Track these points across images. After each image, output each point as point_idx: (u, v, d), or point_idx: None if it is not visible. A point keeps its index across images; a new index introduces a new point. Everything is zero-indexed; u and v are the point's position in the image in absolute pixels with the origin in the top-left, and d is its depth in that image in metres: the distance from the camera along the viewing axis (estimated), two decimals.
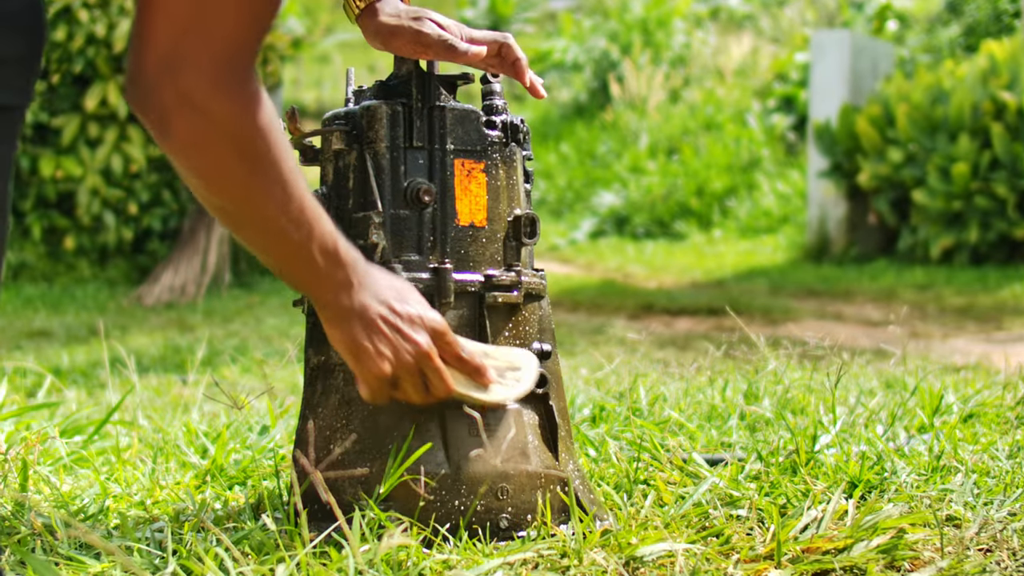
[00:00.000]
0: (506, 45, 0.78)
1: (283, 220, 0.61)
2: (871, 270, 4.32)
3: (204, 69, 0.56)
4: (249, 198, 0.60)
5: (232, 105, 0.57)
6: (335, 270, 0.63)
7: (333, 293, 0.64)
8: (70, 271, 4.02)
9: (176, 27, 0.55)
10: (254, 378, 1.75)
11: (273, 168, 0.59)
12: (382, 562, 0.63)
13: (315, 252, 0.62)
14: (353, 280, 0.64)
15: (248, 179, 0.59)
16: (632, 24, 7.20)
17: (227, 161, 0.58)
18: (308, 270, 0.63)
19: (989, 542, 0.71)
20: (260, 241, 0.62)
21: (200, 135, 0.57)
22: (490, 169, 0.77)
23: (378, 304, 0.65)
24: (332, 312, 0.65)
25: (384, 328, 0.65)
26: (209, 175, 0.59)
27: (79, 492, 0.85)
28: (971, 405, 1.14)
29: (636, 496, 0.82)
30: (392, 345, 0.65)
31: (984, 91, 4.30)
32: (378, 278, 0.66)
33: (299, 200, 0.60)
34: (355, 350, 0.65)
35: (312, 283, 0.64)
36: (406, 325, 0.65)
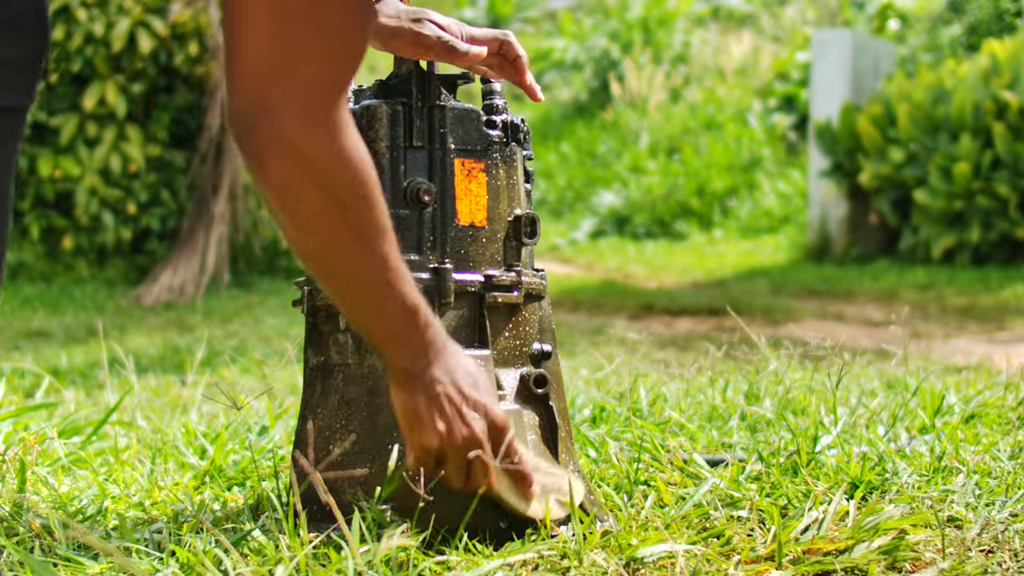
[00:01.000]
0: (507, 43, 0.78)
1: (365, 272, 0.60)
2: (872, 270, 4.32)
3: (296, 107, 0.55)
4: (334, 244, 0.59)
5: (323, 144, 0.56)
6: (412, 333, 0.63)
7: (407, 357, 0.64)
8: (68, 271, 4.02)
9: (264, 64, 0.55)
10: (253, 378, 1.75)
11: (362, 214, 0.58)
12: (381, 563, 0.63)
13: (395, 310, 0.62)
14: (428, 348, 0.64)
15: (335, 222, 0.58)
16: (632, 23, 7.20)
17: (316, 200, 0.57)
18: (385, 328, 0.63)
19: (991, 543, 0.71)
20: (341, 290, 0.61)
21: (292, 175, 0.56)
22: (490, 169, 0.77)
23: (448, 381, 0.64)
24: (400, 375, 0.65)
25: (446, 405, 0.64)
26: (299, 215, 0.58)
27: (77, 493, 0.85)
28: (973, 406, 1.14)
29: (636, 497, 0.81)
30: (449, 424, 0.65)
31: (986, 90, 4.29)
32: (456, 356, 0.66)
33: (383, 254, 0.60)
34: (411, 416, 0.65)
35: (387, 342, 0.63)
36: (469, 409, 0.65)
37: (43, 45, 0.58)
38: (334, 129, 0.57)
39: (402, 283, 0.61)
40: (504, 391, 0.75)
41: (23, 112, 0.58)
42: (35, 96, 0.59)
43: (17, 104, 0.58)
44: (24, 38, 0.57)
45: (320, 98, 0.56)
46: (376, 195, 0.59)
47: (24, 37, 0.57)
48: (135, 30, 4.00)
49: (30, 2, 0.57)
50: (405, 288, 0.62)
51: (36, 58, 0.58)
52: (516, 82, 0.78)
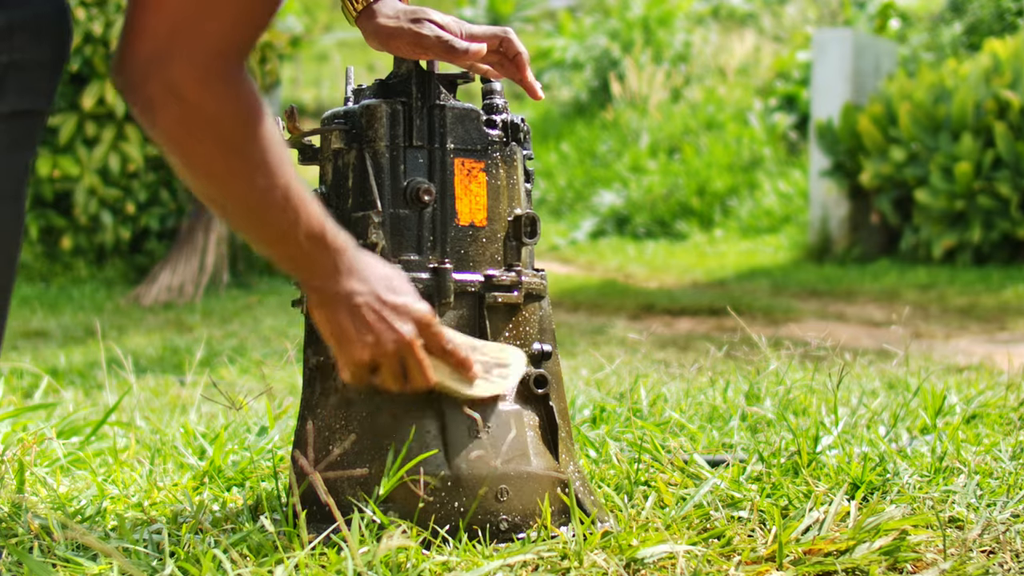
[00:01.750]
0: (507, 40, 0.77)
1: (266, 206, 0.61)
2: (873, 270, 4.31)
3: (194, 63, 0.56)
4: (232, 186, 0.60)
5: (216, 100, 0.57)
6: (322, 255, 0.64)
7: (320, 277, 0.65)
8: (67, 271, 4.01)
9: (170, 20, 0.56)
10: (252, 379, 1.75)
11: (255, 157, 0.60)
12: (381, 564, 0.62)
13: (301, 237, 0.63)
14: (341, 265, 0.64)
15: (230, 167, 0.59)
16: (633, 22, 7.19)
17: (210, 150, 0.59)
18: (294, 254, 0.64)
19: (992, 544, 0.71)
20: (245, 226, 0.63)
21: (184, 125, 0.58)
22: (490, 168, 0.77)
23: (365, 291, 0.65)
24: (318, 295, 0.65)
25: (368, 315, 0.65)
26: (193, 163, 0.59)
27: (76, 493, 0.85)
28: (974, 406, 1.14)
29: (637, 498, 0.81)
30: (375, 332, 0.65)
31: (987, 90, 4.28)
32: (370, 265, 0.66)
33: (283, 187, 0.61)
34: (338, 334, 0.66)
35: (299, 266, 0.64)
36: (391, 314, 0.65)
37: (64, 47, 0.58)
38: (230, 87, 0.57)
39: (304, 209, 0.62)
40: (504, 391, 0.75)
41: (42, 116, 0.58)
42: (54, 99, 0.59)
43: (35, 107, 0.58)
44: (44, 40, 0.56)
45: (223, 55, 0.57)
46: (267, 131, 0.60)
47: (44, 39, 0.56)
48: None
49: (51, 3, 0.57)
50: (309, 214, 0.62)
51: (56, 61, 0.58)
52: (516, 79, 0.78)
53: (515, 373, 0.70)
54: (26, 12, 0.55)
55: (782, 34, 7.58)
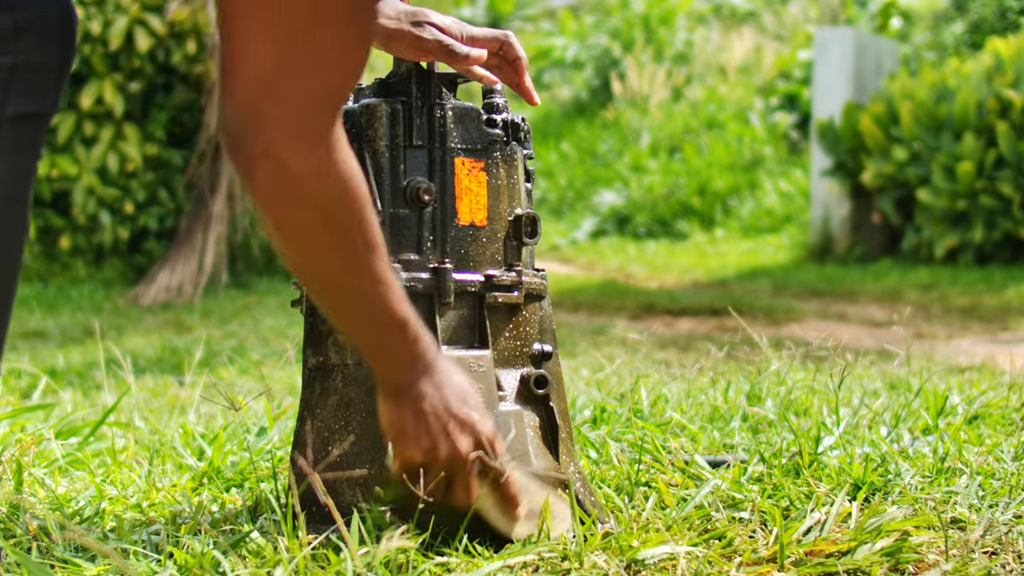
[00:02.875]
0: (507, 43, 0.77)
1: (353, 286, 0.60)
2: (875, 270, 4.31)
3: (286, 122, 0.55)
4: (320, 258, 0.59)
5: (311, 161, 0.56)
6: (400, 348, 0.63)
7: (395, 371, 0.64)
8: (65, 271, 4.01)
9: (259, 82, 0.54)
10: (252, 379, 1.75)
11: (349, 230, 0.58)
12: (381, 565, 0.62)
13: (383, 324, 0.62)
14: (417, 363, 0.64)
15: (320, 238, 0.58)
16: (634, 21, 7.18)
17: (304, 216, 0.57)
18: (373, 341, 0.63)
19: (994, 545, 0.71)
20: (329, 303, 0.62)
21: (277, 188, 0.56)
22: (491, 168, 0.76)
23: (435, 396, 0.64)
24: (388, 388, 0.64)
25: (432, 421, 0.64)
26: (287, 229, 0.58)
27: (75, 494, 0.85)
28: (976, 406, 1.13)
29: (637, 498, 0.81)
30: (433, 440, 0.64)
31: (989, 89, 4.27)
32: (446, 371, 0.65)
33: (373, 269, 0.60)
34: (396, 429, 0.65)
35: (375, 355, 0.64)
36: (454, 426, 0.64)
37: (70, 49, 0.57)
38: (325, 149, 0.56)
39: (391, 297, 0.61)
40: (504, 392, 0.74)
41: (46, 118, 0.58)
42: (59, 101, 0.58)
43: (40, 110, 0.57)
44: (50, 42, 0.56)
45: (312, 118, 0.56)
46: (365, 211, 0.59)
47: (50, 41, 0.56)
48: (133, 28, 3.99)
49: (57, 5, 0.56)
50: (394, 302, 0.61)
51: (63, 63, 0.57)
52: (514, 83, 0.78)
53: (556, 529, 0.68)
54: (32, 14, 0.55)
55: (783, 33, 7.57)
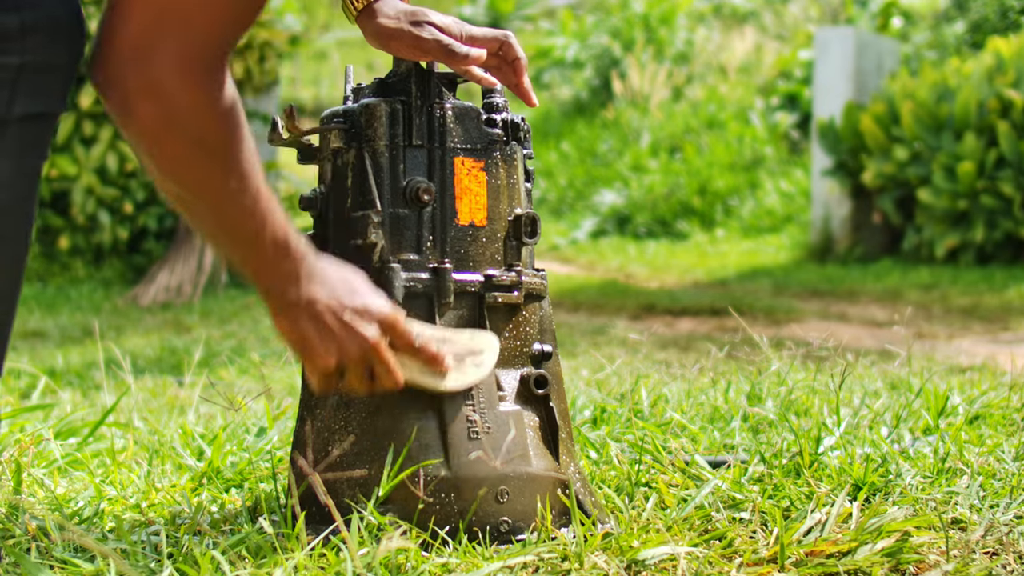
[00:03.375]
0: (507, 44, 0.77)
1: (235, 210, 0.61)
2: (875, 270, 4.30)
3: (174, 60, 0.55)
4: (203, 187, 0.60)
5: (197, 98, 0.57)
6: (283, 262, 0.63)
7: (281, 285, 0.64)
8: (65, 271, 4.00)
9: (152, 14, 0.55)
10: (251, 379, 1.74)
11: (230, 159, 0.59)
12: (380, 566, 0.62)
13: (265, 243, 0.62)
14: (301, 272, 0.64)
15: (203, 169, 0.59)
16: (634, 20, 7.18)
17: (184, 151, 0.58)
18: (257, 260, 0.63)
19: (995, 545, 0.70)
20: (212, 228, 0.63)
21: (161, 123, 0.57)
22: (490, 168, 0.76)
23: (326, 296, 0.65)
24: (279, 303, 0.65)
25: (330, 321, 0.64)
26: (166, 162, 0.59)
27: (74, 495, 0.84)
28: (977, 407, 1.13)
29: (638, 499, 0.81)
30: (338, 338, 0.65)
31: (990, 89, 4.27)
32: (329, 270, 0.66)
33: (253, 192, 0.61)
34: (301, 342, 0.65)
35: (260, 273, 0.64)
36: (353, 317, 0.65)
37: (78, 49, 0.57)
38: (212, 85, 0.57)
39: (271, 215, 0.62)
40: (504, 392, 0.74)
41: (54, 118, 0.58)
42: (67, 101, 0.59)
43: (48, 110, 0.57)
44: (58, 42, 0.56)
45: (207, 51, 0.56)
46: (244, 132, 0.59)
47: (58, 41, 0.56)
48: None
49: (65, 5, 0.57)
50: (275, 219, 0.62)
51: (71, 63, 0.57)
52: (512, 84, 0.78)
53: (489, 361, 0.69)
54: (39, 13, 0.55)
55: (784, 32, 7.57)
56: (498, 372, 0.74)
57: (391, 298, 0.71)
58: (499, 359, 0.75)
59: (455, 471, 0.70)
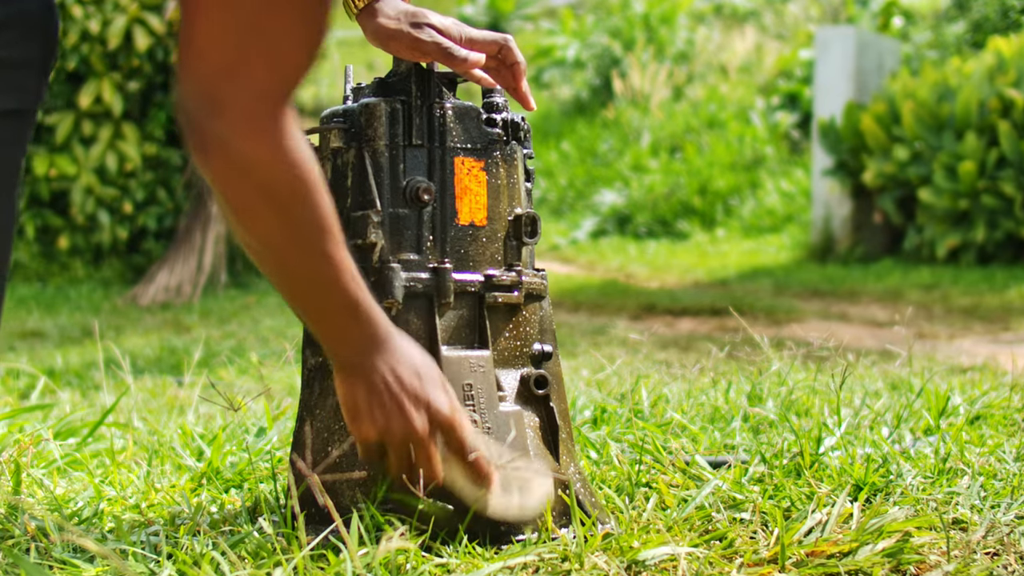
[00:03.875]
0: (506, 47, 0.77)
1: (304, 266, 0.61)
2: (876, 270, 4.30)
3: (235, 116, 0.55)
4: (273, 238, 0.60)
5: (265, 151, 0.57)
6: (352, 328, 0.63)
7: (348, 349, 0.64)
8: (64, 271, 4.00)
9: (215, 69, 0.55)
10: (251, 379, 1.74)
11: (301, 212, 0.59)
12: (380, 566, 0.62)
13: (336, 306, 0.62)
14: (371, 341, 0.64)
15: (275, 223, 0.59)
16: (635, 20, 7.18)
17: (255, 200, 0.59)
18: (326, 322, 0.63)
19: (996, 546, 0.70)
20: (282, 283, 0.62)
21: (233, 173, 0.57)
22: (490, 167, 0.76)
23: (388, 372, 0.64)
24: (341, 366, 0.65)
25: (384, 397, 0.64)
26: (239, 211, 0.60)
27: (73, 495, 0.84)
28: (978, 407, 1.13)
29: (638, 499, 0.81)
30: (386, 416, 0.64)
31: (991, 88, 4.27)
32: (401, 348, 0.65)
33: (325, 250, 0.60)
34: (351, 407, 0.65)
35: (328, 335, 0.64)
36: (408, 400, 0.64)
37: (53, 45, 0.57)
38: (276, 135, 0.57)
39: (342, 279, 0.62)
40: (504, 392, 0.74)
41: (30, 114, 0.58)
42: (43, 97, 0.58)
43: (22, 106, 0.57)
44: (32, 37, 0.56)
45: (263, 105, 0.56)
46: (317, 197, 0.60)
47: (32, 36, 0.56)
48: (131, 27, 3.98)
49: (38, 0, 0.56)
50: (345, 283, 0.62)
51: (45, 59, 0.57)
52: (510, 87, 0.78)
53: (535, 501, 0.68)
54: (11, 9, 0.55)
55: (784, 32, 7.56)
56: (498, 372, 0.74)
57: (391, 298, 0.71)
58: (499, 359, 0.75)
59: None
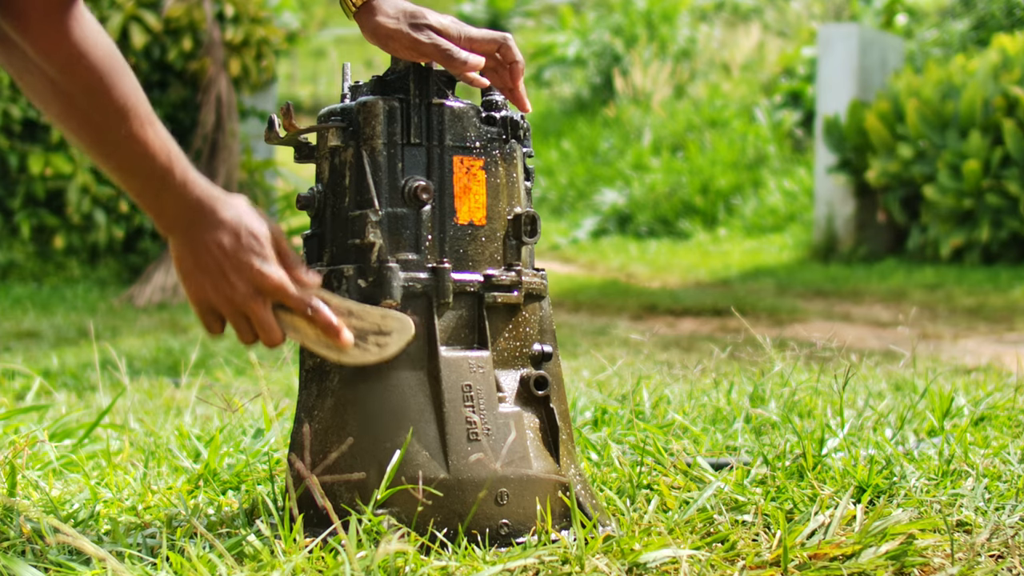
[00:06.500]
0: (505, 46, 0.76)
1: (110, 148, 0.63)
2: (880, 269, 4.29)
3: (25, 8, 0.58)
4: (72, 126, 0.62)
5: (48, 42, 0.59)
6: (166, 194, 0.65)
7: (167, 216, 0.66)
8: (60, 271, 3.98)
9: None
10: (248, 380, 1.73)
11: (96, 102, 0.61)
12: (379, 569, 0.62)
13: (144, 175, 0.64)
14: (190, 208, 0.65)
15: (69, 108, 0.62)
16: (636, 17, 7.16)
17: (47, 93, 0.61)
18: (138, 190, 0.65)
19: (1000, 548, 0.70)
20: (92, 155, 0.65)
21: (19, 67, 0.60)
22: (490, 166, 0.75)
23: (212, 241, 0.66)
24: (165, 231, 0.67)
25: (210, 262, 0.65)
26: (37, 103, 0.63)
27: (69, 497, 0.84)
28: (982, 408, 1.12)
29: (639, 501, 0.80)
30: (213, 281, 0.66)
31: (995, 86, 4.25)
32: (231, 217, 0.66)
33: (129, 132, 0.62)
34: (181, 273, 0.67)
35: (144, 202, 0.66)
36: (230, 268, 0.66)
37: None
38: (60, 28, 0.59)
39: (149, 156, 0.63)
40: (504, 393, 0.73)
41: None
42: None
43: None
44: None
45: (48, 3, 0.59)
46: (112, 81, 0.61)
47: None
48: (128, 24, 3.97)
49: None
50: (153, 159, 0.64)
51: None
52: (508, 87, 0.77)
53: (395, 343, 0.68)
54: None
55: (787, 29, 7.54)
56: (498, 373, 0.74)
57: (390, 298, 0.70)
58: (498, 360, 0.74)
59: (454, 473, 0.69)
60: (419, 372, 0.70)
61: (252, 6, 4.16)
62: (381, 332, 0.68)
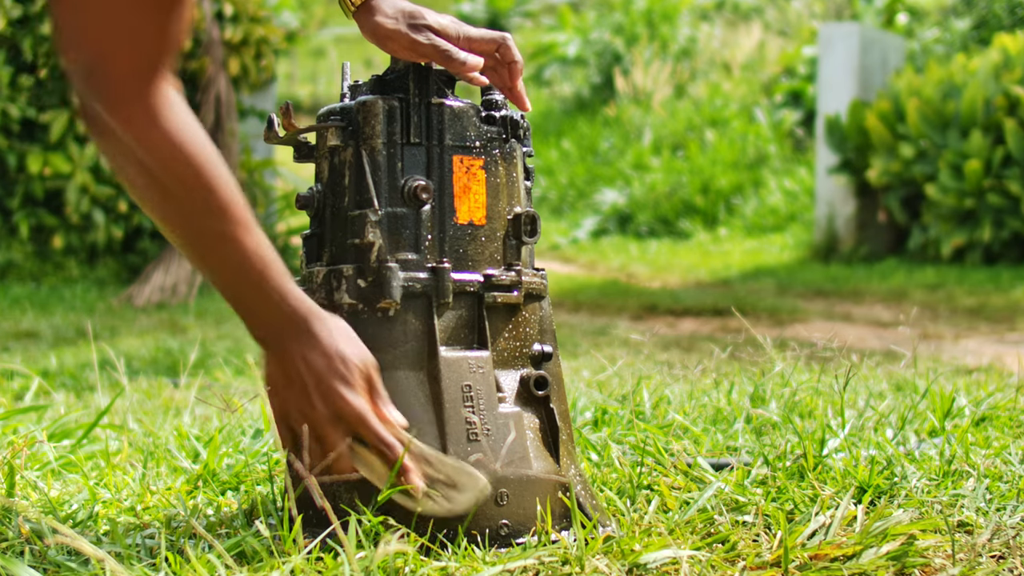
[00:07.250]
0: (504, 45, 0.76)
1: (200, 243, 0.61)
2: (881, 269, 4.28)
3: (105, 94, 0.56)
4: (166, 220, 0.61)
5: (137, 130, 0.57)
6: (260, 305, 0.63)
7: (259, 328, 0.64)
8: (58, 271, 3.97)
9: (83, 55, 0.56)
10: (247, 380, 1.73)
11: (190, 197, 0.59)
12: (379, 569, 0.61)
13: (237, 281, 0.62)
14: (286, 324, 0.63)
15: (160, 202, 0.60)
16: (637, 16, 7.16)
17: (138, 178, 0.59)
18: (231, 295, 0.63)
19: (1002, 548, 0.70)
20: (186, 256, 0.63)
21: (109, 151, 0.58)
22: (489, 166, 0.75)
23: (299, 358, 0.64)
24: (256, 339, 0.65)
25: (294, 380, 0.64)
26: (131, 192, 0.61)
27: (67, 498, 0.84)
28: (983, 408, 1.12)
29: (639, 501, 0.80)
30: (298, 403, 0.64)
31: (997, 86, 4.24)
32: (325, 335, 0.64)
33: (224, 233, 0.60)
34: (268, 383, 0.65)
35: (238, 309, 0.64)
36: (314, 390, 0.64)
37: None
38: (147, 115, 0.57)
39: (248, 262, 0.61)
40: (504, 393, 0.73)
41: None
42: None
43: None
44: None
45: (131, 83, 0.56)
46: (207, 178, 0.59)
47: None
48: None
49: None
50: (251, 266, 0.62)
51: None
52: (506, 87, 0.77)
53: (464, 501, 0.66)
54: None
55: (787, 29, 7.54)
56: (498, 373, 0.74)
57: (389, 298, 0.70)
58: (498, 360, 0.74)
59: None
60: (419, 372, 0.70)
61: (251, 5, 4.16)
62: (452, 485, 0.67)
